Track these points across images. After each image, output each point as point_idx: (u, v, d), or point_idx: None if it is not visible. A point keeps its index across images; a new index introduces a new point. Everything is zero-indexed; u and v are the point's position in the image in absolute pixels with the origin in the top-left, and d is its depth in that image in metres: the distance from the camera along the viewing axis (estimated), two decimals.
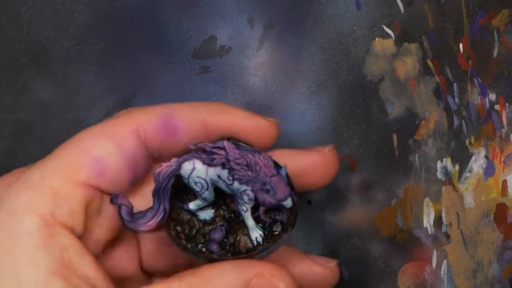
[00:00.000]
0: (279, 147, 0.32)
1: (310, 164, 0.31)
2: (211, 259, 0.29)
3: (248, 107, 0.38)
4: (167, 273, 0.33)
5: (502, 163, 0.37)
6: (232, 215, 0.30)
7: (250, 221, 0.29)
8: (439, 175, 0.38)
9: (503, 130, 0.37)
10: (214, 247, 0.29)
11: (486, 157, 0.37)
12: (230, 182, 0.29)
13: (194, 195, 0.30)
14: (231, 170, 0.29)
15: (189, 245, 0.29)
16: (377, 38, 0.38)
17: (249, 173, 0.29)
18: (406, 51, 0.38)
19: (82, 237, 0.28)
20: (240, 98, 0.38)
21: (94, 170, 0.27)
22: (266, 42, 0.38)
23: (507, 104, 0.38)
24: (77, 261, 0.26)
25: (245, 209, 0.29)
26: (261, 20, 0.38)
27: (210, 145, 0.29)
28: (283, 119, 0.38)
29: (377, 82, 0.38)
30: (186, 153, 0.29)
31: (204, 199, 0.30)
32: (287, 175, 0.29)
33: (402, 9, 0.38)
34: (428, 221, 0.37)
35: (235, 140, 0.30)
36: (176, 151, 0.30)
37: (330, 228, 0.38)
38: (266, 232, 0.29)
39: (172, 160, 0.29)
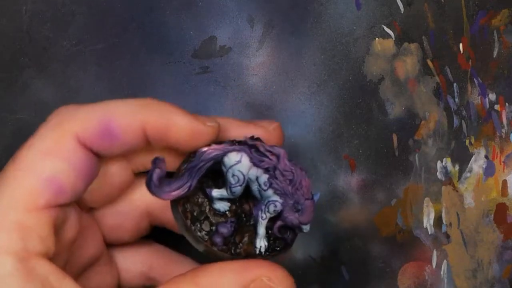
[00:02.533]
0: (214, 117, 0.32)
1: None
2: (209, 251, 0.29)
3: (248, 107, 0.38)
4: (128, 243, 0.33)
5: (502, 163, 0.37)
6: (243, 215, 0.30)
7: (262, 230, 0.29)
8: (439, 175, 0.38)
9: (503, 130, 0.37)
10: (218, 240, 0.29)
11: (486, 157, 0.37)
12: (265, 188, 0.29)
13: (219, 182, 0.30)
14: (272, 177, 0.29)
15: (192, 227, 0.29)
16: (377, 38, 0.38)
17: (289, 188, 0.29)
18: (406, 51, 0.38)
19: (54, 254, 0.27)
20: (240, 98, 0.38)
21: (51, 191, 0.27)
22: (266, 42, 0.38)
23: (507, 104, 0.38)
24: (59, 285, 0.26)
25: (264, 216, 0.29)
26: (261, 20, 0.38)
27: (267, 147, 0.29)
28: (283, 119, 0.38)
29: (377, 82, 0.38)
30: (232, 142, 0.29)
31: (232, 193, 0.29)
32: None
33: (402, 9, 0.38)
34: (428, 221, 0.37)
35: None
36: (120, 151, 0.29)
37: (330, 228, 0.38)
38: (269, 244, 0.30)
39: (222, 145, 0.29)
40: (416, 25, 0.38)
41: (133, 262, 0.34)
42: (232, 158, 0.29)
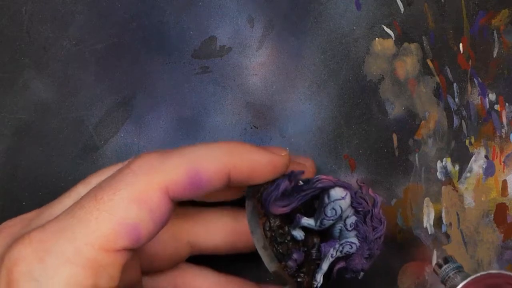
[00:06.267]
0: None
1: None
2: (279, 273, 0.29)
3: (248, 107, 0.38)
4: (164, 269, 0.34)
5: (502, 163, 0.37)
6: (308, 247, 0.31)
7: (325, 266, 0.30)
8: (439, 175, 0.38)
9: (503, 130, 0.37)
10: (292, 264, 0.29)
11: (486, 157, 0.37)
12: (350, 229, 0.30)
13: (309, 212, 0.31)
14: (361, 221, 0.30)
15: (271, 246, 0.30)
16: (377, 38, 0.38)
17: (371, 235, 0.30)
18: (406, 51, 0.38)
19: None
20: (240, 98, 0.38)
21: (130, 238, 0.28)
22: (266, 42, 0.38)
23: (507, 104, 0.38)
24: None
25: (334, 254, 0.30)
26: (261, 20, 0.38)
27: (370, 192, 0.30)
28: (283, 119, 0.38)
29: (377, 82, 0.38)
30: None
31: (321, 225, 0.30)
32: None
33: (402, 9, 0.38)
34: (428, 221, 0.37)
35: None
36: (200, 196, 0.30)
37: None
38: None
39: (334, 178, 0.30)
40: (416, 25, 0.38)
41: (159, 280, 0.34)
42: (338, 193, 0.30)
